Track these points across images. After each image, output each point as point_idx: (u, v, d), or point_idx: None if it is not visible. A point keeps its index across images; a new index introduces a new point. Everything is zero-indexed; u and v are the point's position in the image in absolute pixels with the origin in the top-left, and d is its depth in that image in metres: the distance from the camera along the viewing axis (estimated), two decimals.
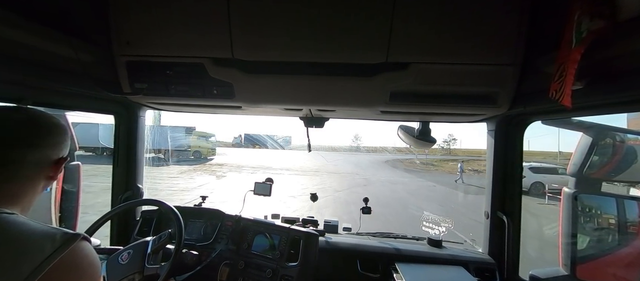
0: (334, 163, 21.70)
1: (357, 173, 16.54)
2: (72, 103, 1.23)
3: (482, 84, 1.05)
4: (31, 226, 0.54)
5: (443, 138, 46.17)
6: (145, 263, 1.04)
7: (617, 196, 1.20)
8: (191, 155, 20.01)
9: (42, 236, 0.52)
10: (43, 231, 0.53)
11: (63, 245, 0.52)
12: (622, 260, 1.16)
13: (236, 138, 43.55)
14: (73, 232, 0.55)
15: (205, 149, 21.07)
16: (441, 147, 42.06)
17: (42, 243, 0.51)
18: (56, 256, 0.50)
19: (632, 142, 1.23)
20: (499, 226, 1.35)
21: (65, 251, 0.51)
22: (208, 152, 21.35)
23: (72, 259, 0.52)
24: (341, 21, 0.96)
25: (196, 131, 20.55)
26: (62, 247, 0.51)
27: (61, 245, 0.52)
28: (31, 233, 0.53)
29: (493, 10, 0.94)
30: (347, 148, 50.91)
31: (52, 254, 0.50)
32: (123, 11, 1.04)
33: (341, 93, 1.11)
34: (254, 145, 37.60)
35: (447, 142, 47.44)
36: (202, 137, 21.21)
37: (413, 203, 9.20)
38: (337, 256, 1.42)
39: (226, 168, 16.14)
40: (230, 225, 1.44)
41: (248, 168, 16.31)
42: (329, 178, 14.07)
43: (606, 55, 0.72)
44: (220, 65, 1.08)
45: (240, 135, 42.43)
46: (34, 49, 0.87)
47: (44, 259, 0.49)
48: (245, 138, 40.29)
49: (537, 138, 21.75)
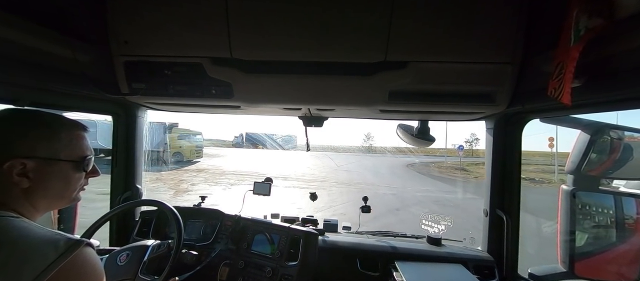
0: (346, 167, 17.54)
1: (378, 185, 11.42)
2: (70, 103, 1.22)
3: (481, 83, 1.05)
4: (34, 231, 0.53)
5: (465, 138, 41.84)
6: (139, 272, 1.03)
7: (615, 193, 1.20)
8: (172, 157, 15.69)
9: (46, 241, 0.52)
10: (46, 237, 0.53)
11: (67, 251, 0.51)
12: (620, 256, 1.16)
13: (237, 137, 40.23)
14: (77, 238, 0.55)
15: (187, 150, 17.09)
16: (462, 147, 34.00)
17: (46, 249, 0.50)
18: (59, 263, 0.50)
19: (628, 138, 1.24)
20: (497, 224, 1.36)
21: (69, 257, 0.51)
22: (191, 154, 17.29)
23: (75, 266, 0.52)
24: (340, 20, 0.95)
25: (177, 129, 16.60)
26: (66, 253, 0.51)
27: (65, 251, 0.51)
28: (34, 238, 0.52)
29: (491, 9, 0.94)
30: (357, 149, 44.39)
31: (55, 261, 0.50)
32: (121, 11, 1.03)
33: (340, 92, 1.11)
34: (255, 145, 34.86)
35: (469, 142, 40.78)
36: (184, 136, 17.24)
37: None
38: (336, 255, 1.42)
39: (201, 177, 11.80)
40: (229, 225, 1.44)
41: (232, 176, 12.15)
42: (341, 192, 9.26)
43: (604, 53, 0.72)
44: (219, 64, 1.08)
45: (242, 135, 39.00)
46: (31, 49, 0.87)
47: (47, 266, 0.49)
48: (247, 138, 37.34)
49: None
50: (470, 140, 41.41)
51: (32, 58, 0.89)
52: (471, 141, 41.21)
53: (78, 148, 0.67)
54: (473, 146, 40.99)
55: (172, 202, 1.30)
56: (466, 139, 41.63)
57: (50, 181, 0.62)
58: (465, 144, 38.84)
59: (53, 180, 0.63)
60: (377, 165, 21.12)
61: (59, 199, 0.66)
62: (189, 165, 15.40)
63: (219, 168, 14.89)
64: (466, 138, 42.85)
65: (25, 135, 0.60)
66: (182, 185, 10.08)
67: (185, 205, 1.57)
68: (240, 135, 39.48)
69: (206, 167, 15.30)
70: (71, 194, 0.68)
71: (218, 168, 14.87)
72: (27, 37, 0.84)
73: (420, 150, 28.01)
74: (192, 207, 1.59)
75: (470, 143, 40.92)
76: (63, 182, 0.64)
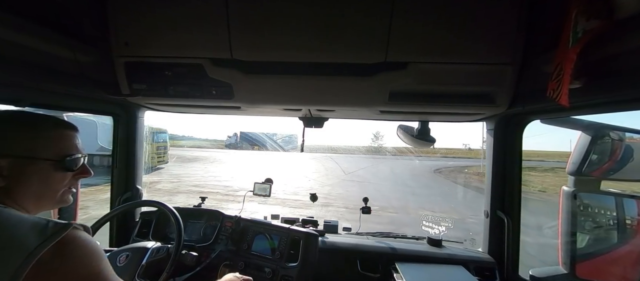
0: (356, 175, 12.46)
1: (423, 212, 6.87)
2: (71, 104, 1.23)
3: (481, 83, 1.05)
4: (21, 217, 0.53)
5: (483, 138, 38.92)
6: (136, 276, 1.03)
7: (616, 194, 1.20)
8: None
9: (32, 226, 0.52)
10: (33, 222, 0.53)
11: (53, 235, 0.51)
12: (621, 258, 1.16)
13: (230, 137, 36.44)
14: (64, 222, 0.54)
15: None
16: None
17: (32, 234, 0.50)
18: (46, 245, 0.49)
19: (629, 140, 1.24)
20: (498, 225, 1.35)
21: (56, 240, 0.50)
22: (151, 159, 12.19)
23: (64, 248, 0.52)
24: (340, 21, 0.95)
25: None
26: (53, 237, 0.51)
27: (52, 234, 0.51)
28: (20, 223, 0.52)
29: (492, 10, 0.94)
30: (364, 150, 38.24)
31: (41, 244, 0.49)
32: (122, 12, 1.03)
33: (340, 93, 1.11)
34: (253, 146, 31.63)
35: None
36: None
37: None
38: (337, 257, 1.42)
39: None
40: (229, 226, 1.44)
41: (189, 192, 8.63)
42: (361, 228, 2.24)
43: (605, 54, 0.72)
44: (219, 65, 1.08)
45: (236, 134, 35.23)
46: (32, 50, 0.87)
47: (34, 248, 0.48)
48: (242, 137, 33.77)
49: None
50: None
51: (33, 59, 0.89)
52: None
53: (60, 147, 0.66)
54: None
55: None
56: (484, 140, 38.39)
57: (28, 180, 0.61)
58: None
59: (31, 179, 0.62)
60: (396, 171, 16.31)
61: (41, 199, 0.65)
62: (146, 174, 8.56)
63: (186, 180, 11.11)
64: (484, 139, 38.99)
65: (4, 136, 0.60)
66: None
67: (185, 206, 1.57)
68: (234, 134, 35.93)
69: (168, 177, 11.34)
70: (54, 194, 0.66)
71: (183, 179, 11.22)
72: (28, 38, 0.84)
73: (435, 151, 20.76)
74: (193, 207, 1.59)
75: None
76: (43, 181, 0.63)
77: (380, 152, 35.12)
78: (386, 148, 35.63)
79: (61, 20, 0.92)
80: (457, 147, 41.98)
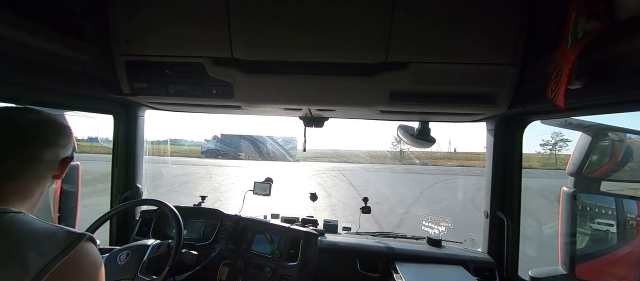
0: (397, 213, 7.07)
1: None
2: (71, 103, 1.23)
3: (482, 84, 1.05)
4: (37, 226, 0.54)
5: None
6: (138, 272, 1.03)
7: (616, 195, 1.20)
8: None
9: (48, 236, 0.52)
10: (49, 231, 0.53)
11: (69, 247, 0.52)
12: (621, 259, 1.16)
13: (208, 141, 26.93)
14: (79, 232, 0.55)
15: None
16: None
17: (48, 244, 0.51)
18: (61, 258, 0.50)
19: (629, 140, 1.24)
20: (498, 225, 1.35)
21: (70, 252, 0.51)
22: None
23: (76, 261, 0.52)
24: (341, 21, 0.95)
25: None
26: (68, 248, 0.51)
27: (67, 246, 0.51)
28: (36, 233, 0.52)
29: (493, 10, 0.94)
30: (381, 157, 30.27)
31: (57, 256, 0.50)
32: (122, 10, 1.03)
33: (341, 93, 1.11)
34: (238, 154, 22.28)
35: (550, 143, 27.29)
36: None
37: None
38: (336, 256, 1.42)
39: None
40: (229, 225, 1.44)
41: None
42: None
43: (605, 55, 0.72)
44: (220, 64, 1.08)
45: (216, 137, 26.02)
46: (33, 48, 0.87)
47: (49, 261, 0.49)
48: (223, 141, 24.44)
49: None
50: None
51: (34, 58, 0.89)
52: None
53: (71, 149, 0.70)
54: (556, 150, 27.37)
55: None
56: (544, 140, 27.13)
57: (49, 180, 0.66)
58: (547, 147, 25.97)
59: (48, 182, 0.66)
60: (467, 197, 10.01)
61: (37, 202, 0.67)
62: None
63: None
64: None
65: (65, 138, 0.67)
66: None
67: (185, 205, 1.57)
68: (214, 137, 26.70)
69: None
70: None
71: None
72: (28, 37, 0.84)
73: (469, 154, 15.06)
74: (193, 206, 1.59)
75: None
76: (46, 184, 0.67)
77: (405, 159, 26.27)
78: (412, 153, 26.29)
79: (62, 18, 0.92)
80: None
